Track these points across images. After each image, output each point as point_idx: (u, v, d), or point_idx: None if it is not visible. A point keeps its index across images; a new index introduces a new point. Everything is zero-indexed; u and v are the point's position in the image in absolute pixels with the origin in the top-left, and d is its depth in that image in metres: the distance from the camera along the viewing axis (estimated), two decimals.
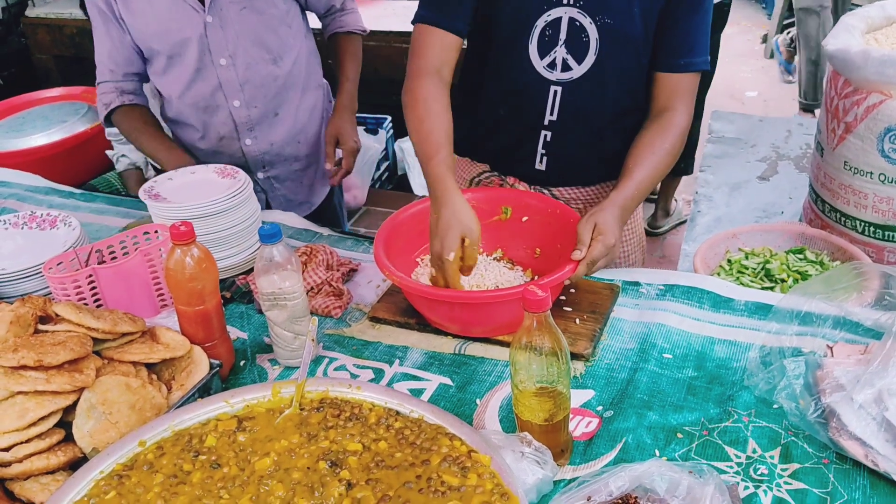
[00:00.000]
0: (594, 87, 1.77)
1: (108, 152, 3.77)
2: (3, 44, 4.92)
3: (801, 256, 2.14)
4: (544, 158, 1.89)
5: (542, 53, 1.76)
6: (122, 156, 3.60)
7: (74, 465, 1.30)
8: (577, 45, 1.73)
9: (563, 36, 1.73)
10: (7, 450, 1.26)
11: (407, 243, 1.77)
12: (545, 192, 1.93)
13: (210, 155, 2.36)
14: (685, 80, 1.76)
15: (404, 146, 4.87)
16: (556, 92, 1.79)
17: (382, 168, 4.65)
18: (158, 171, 3.28)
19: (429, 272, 1.63)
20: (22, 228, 2.01)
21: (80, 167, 3.93)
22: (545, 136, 1.86)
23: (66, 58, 4.80)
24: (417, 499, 1.18)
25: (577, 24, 1.71)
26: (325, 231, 2.14)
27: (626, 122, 1.83)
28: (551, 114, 1.82)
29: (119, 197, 2.49)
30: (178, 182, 1.96)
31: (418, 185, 4.84)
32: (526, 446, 1.25)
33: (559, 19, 1.71)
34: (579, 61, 1.75)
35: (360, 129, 4.18)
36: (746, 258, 2.19)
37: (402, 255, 1.73)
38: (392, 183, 4.85)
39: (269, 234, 1.50)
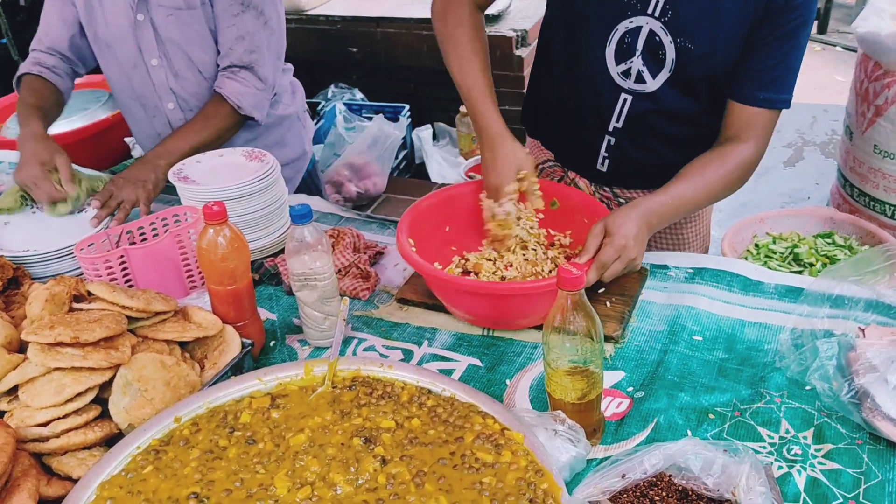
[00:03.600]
0: (664, 104, 1.71)
1: (127, 139, 3.79)
2: (27, 31, 4.93)
3: (829, 241, 2.12)
4: (606, 161, 1.85)
5: (619, 60, 1.70)
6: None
7: (110, 442, 1.32)
8: (652, 60, 1.67)
9: (640, 47, 1.66)
10: (45, 425, 1.28)
11: (430, 231, 1.76)
12: (607, 190, 1.92)
13: None
14: (762, 115, 1.64)
15: (422, 135, 4.86)
16: (625, 100, 1.74)
17: (400, 157, 4.64)
18: None
19: (488, 208, 1.68)
20: None
21: (101, 154, 3.94)
22: (609, 140, 1.82)
23: None
24: (452, 475, 1.19)
25: (657, 39, 1.63)
26: (351, 214, 2.14)
27: (692, 139, 1.76)
28: (617, 121, 1.78)
29: None
30: (207, 165, 1.97)
31: (436, 173, 4.83)
32: (559, 424, 1.26)
33: (639, 28, 1.64)
34: (654, 76, 1.69)
35: (379, 116, 4.17)
36: (774, 242, 2.17)
37: (425, 242, 1.71)
38: (410, 171, 4.84)
39: (301, 215, 1.51)
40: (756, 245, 2.20)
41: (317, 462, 1.22)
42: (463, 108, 4.50)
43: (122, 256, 1.69)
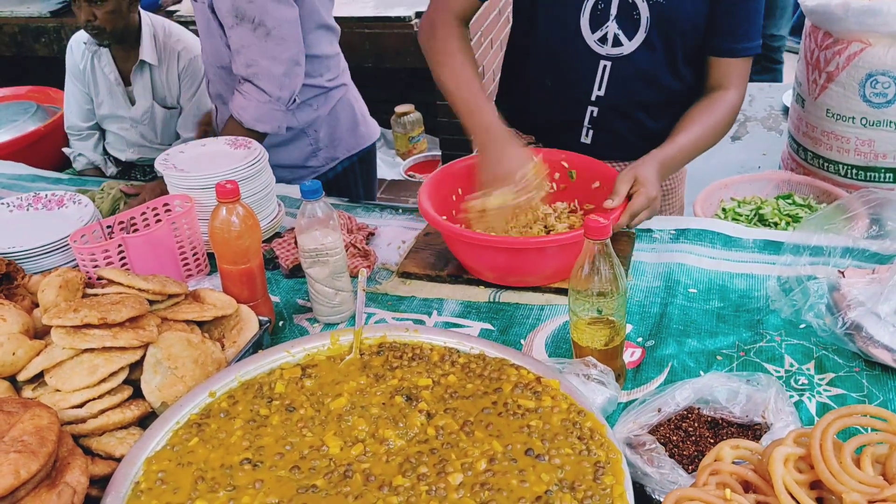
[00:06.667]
0: (643, 65, 1.79)
1: (65, 150, 3.69)
2: None
3: (789, 201, 2.28)
4: (590, 132, 1.91)
5: (594, 27, 1.78)
6: (80, 154, 3.53)
7: (142, 423, 1.31)
8: (627, 22, 1.75)
9: (614, 11, 1.74)
10: (80, 406, 1.26)
11: (449, 195, 1.81)
12: None
13: None
14: (740, 63, 1.78)
15: None
16: (605, 67, 1.81)
17: None
18: (119, 169, 3.29)
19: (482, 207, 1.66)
20: (27, 210, 1.97)
21: (36, 165, 3.82)
22: (592, 111, 1.88)
23: (6, 58, 4.64)
24: (499, 422, 1.23)
25: (629, 0, 1.72)
26: (335, 200, 2.16)
27: (672, 104, 1.86)
28: (599, 89, 1.84)
29: (107, 179, 2.46)
30: (191, 154, 1.96)
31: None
32: (592, 369, 1.32)
33: None
34: (630, 38, 1.77)
35: None
36: (739, 206, 2.31)
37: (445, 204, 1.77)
38: None
39: (312, 191, 1.52)
40: (723, 209, 2.34)
41: (363, 421, 1.24)
42: (398, 109, 4.55)
43: (120, 245, 1.67)
